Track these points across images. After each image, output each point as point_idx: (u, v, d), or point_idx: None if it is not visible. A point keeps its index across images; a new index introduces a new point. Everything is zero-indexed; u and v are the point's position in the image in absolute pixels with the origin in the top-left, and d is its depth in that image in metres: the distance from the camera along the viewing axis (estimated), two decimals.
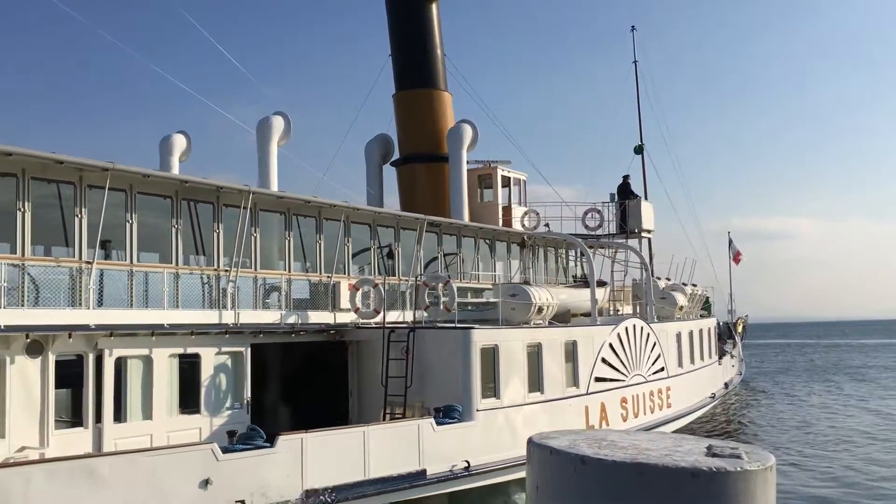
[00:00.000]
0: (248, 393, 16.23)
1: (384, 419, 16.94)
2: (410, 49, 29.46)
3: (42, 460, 11.69)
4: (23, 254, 13.25)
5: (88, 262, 13.93)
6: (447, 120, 29.32)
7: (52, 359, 13.21)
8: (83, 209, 14.10)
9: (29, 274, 13.20)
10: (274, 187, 20.81)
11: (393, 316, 19.43)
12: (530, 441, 2.71)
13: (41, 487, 10.91)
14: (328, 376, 18.82)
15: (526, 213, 28.94)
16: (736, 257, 48.52)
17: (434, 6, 29.83)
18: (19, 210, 13.27)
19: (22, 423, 12.82)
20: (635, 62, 43.11)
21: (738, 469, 2.37)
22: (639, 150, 42.52)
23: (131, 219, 14.87)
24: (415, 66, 29.37)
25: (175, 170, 22.36)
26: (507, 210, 28.98)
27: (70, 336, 13.28)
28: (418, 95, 29.31)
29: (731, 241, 48.85)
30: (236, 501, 12.71)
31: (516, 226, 27.88)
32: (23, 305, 12.98)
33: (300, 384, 18.85)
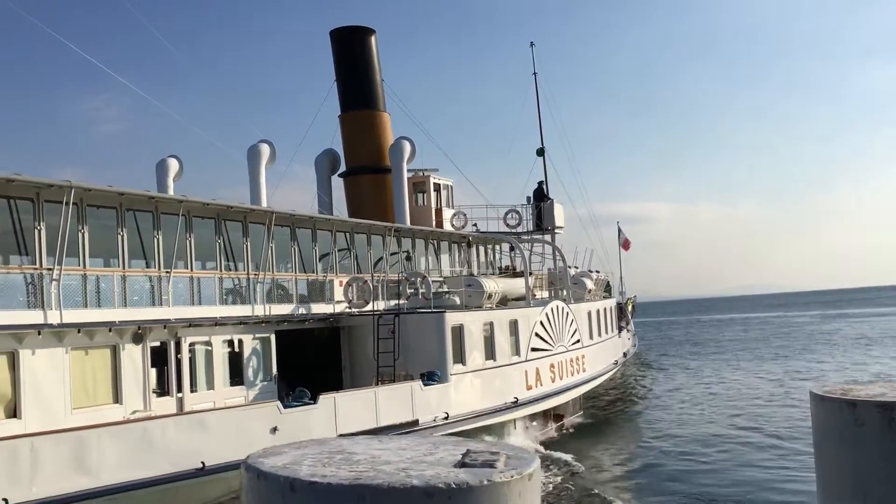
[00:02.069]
0: (275, 369, 20.86)
1: (377, 385, 21.77)
2: (353, 76, 34.16)
3: (171, 414, 16.18)
4: (123, 267, 17.58)
5: (167, 272, 18.33)
6: (387, 136, 34.17)
7: (148, 345, 17.59)
8: (159, 231, 18.47)
9: (127, 282, 17.55)
10: (264, 204, 25.32)
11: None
12: (244, 463, 2.19)
13: (172, 432, 15.41)
14: (323, 354, 23.43)
15: (455, 214, 34.19)
16: (625, 244, 54.93)
17: (373, 38, 34.67)
18: (119, 234, 17.57)
19: (132, 393, 17.17)
20: (535, 74, 48.89)
21: (485, 483, 1.94)
22: (540, 152, 48.27)
23: (190, 237, 19.29)
24: (357, 91, 34.08)
25: (170, 190, 26.45)
26: (439, 212, 34.16)
27: (165, 327, 17.71)
28: (361, 116, 34.04)
29: (620, 230, 55.20)
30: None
31: (447, 226, 33.07)
32: (126, 306, 17.33)
33: (303, 361, 23.40)
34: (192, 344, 18.69)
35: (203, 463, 15.39)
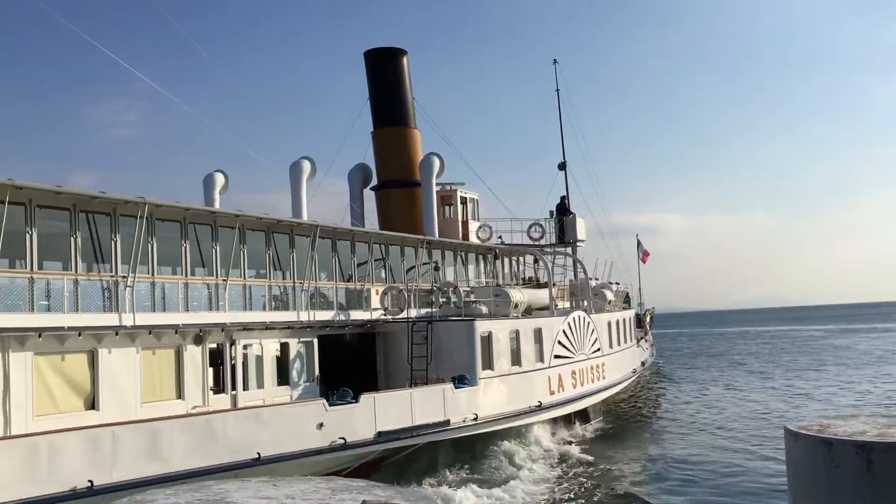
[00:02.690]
0: (317, 370, 22.50)
1: (411, 387, 23.34)
2: (386, 95, 35.88)
3: (229, 409, 17.84)
4: (186, 275, 19.30)
5: (224, 280, 20.03)
6: (417, 152, 35.85)
7: (207, 346, 19.28)
8: (217, 243, 20.18)
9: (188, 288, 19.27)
10: (304, 217, 27.04)
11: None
12: None
13: (231, 425, 17.06)
14: (359, 357, 25.02)
15: (481, 227, 35.79)
16: (644, 257, 56.19)
17: (405, 59, 36.40)
18: (182, 245, 19.29)
19: (192, 390, 18.84)
20: (557, 90, 50.40)
21: None
22: (562, 166, 49.80)
23: (243, 248, 21.00)
24: (390, 109, 35.81)
25: (217, 203, 28.22)
26: (465, 224, 35.75)
27: (222, 330, 19.39)
28: (393, 133, 35.73)
29: (639, 243, 56.45)
30: (339, 437, 19.00)
31: (472, 238, 34.67)
32: (188, 310, 19.04)
33: (340, 363, 24.99)
34: (245, 346, 20.36)
35: (259, 453, 17.03)
